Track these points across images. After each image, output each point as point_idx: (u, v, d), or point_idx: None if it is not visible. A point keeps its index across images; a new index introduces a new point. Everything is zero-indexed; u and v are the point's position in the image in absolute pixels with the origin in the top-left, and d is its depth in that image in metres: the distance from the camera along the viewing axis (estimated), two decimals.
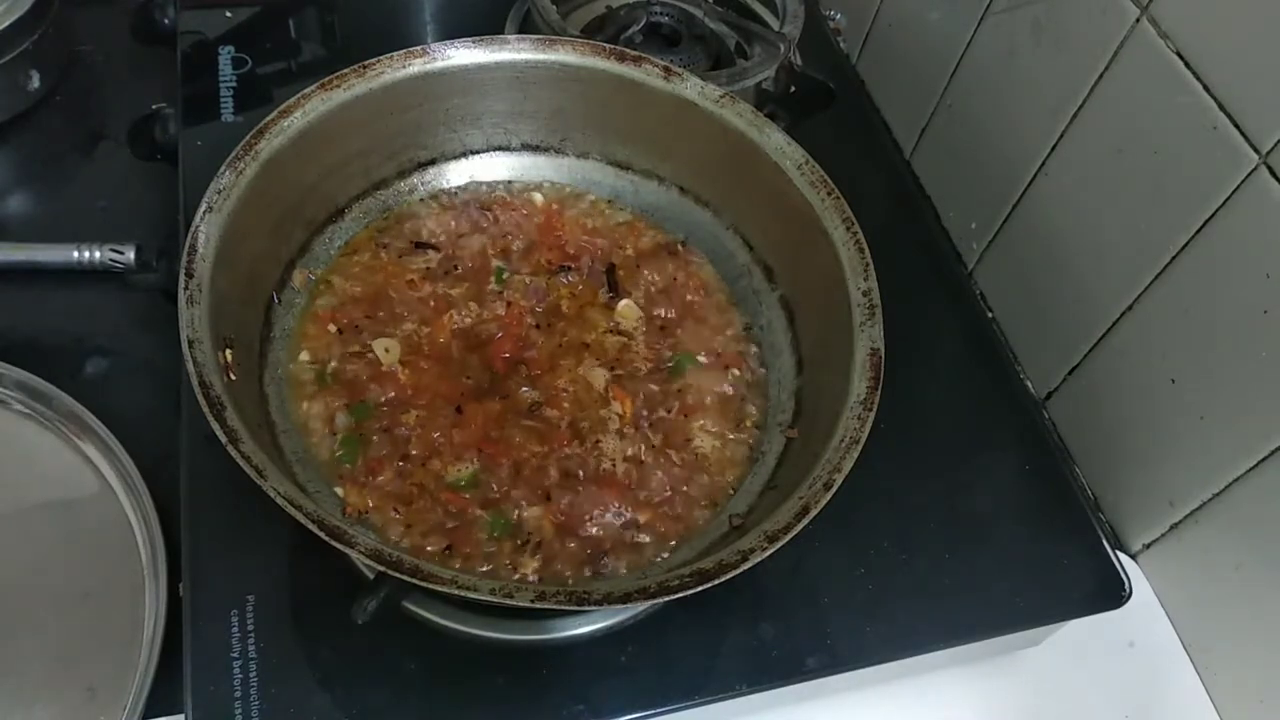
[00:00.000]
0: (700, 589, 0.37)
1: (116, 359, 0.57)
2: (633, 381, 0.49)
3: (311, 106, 0.47)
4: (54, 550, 0.49)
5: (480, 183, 0.54)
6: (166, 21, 0.65)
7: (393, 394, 0.46)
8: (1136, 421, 0.55)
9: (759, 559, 0.38)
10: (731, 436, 0.48)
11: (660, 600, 0.37)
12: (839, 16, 0.67)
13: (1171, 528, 0.54)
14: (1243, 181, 0.45)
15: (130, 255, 0.57)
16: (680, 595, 0.37)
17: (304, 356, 0.47)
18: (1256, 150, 0.44)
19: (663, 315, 0.51)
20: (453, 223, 0.53)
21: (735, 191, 0.52)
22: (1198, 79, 0.46)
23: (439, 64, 0.50)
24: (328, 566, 0.45)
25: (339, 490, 0.44)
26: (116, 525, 0.49)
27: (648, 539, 0.45)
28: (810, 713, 0.50)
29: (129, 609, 0.47)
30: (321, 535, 0.36)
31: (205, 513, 0.46)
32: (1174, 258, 0.50)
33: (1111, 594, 0.49)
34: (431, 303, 0.50)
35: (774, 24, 0.64)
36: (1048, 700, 0.53)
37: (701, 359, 0.50)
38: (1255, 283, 0.46)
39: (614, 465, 0.46)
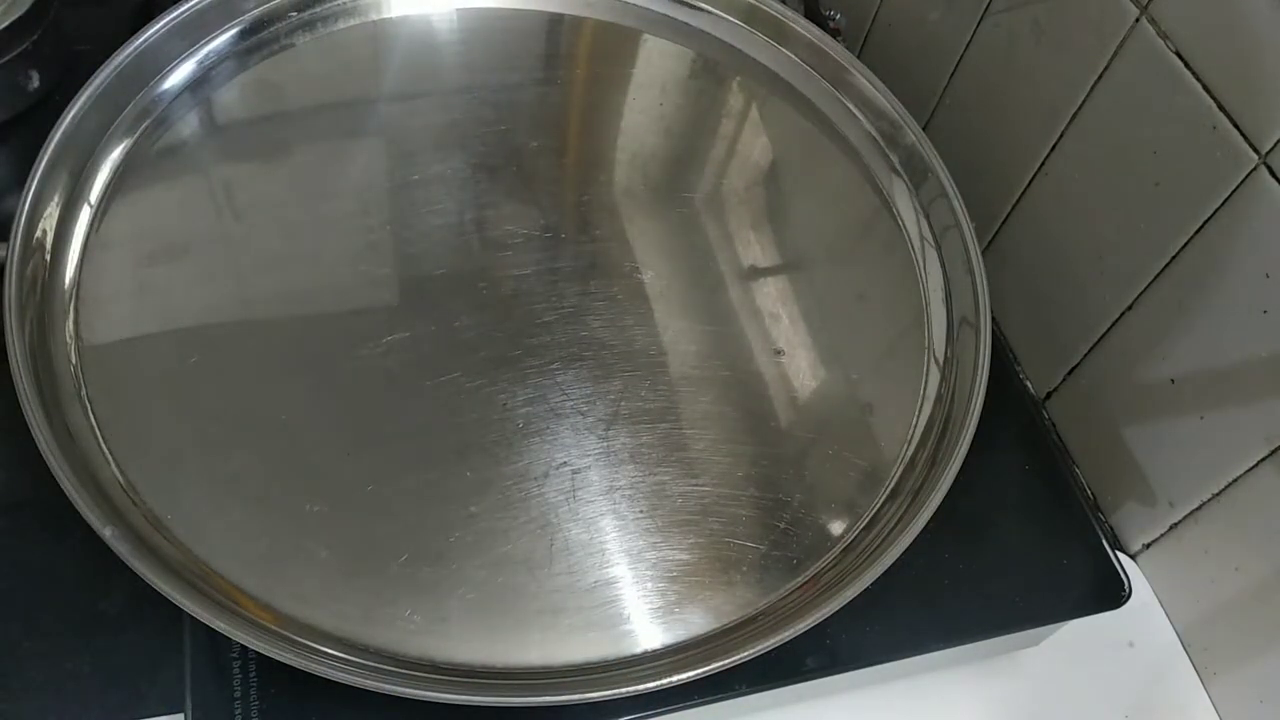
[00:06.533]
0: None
1: None
2: None
3: None
4: None
5: None
6: None
7: None
8: (1136, 421, 0.55)
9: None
10: None
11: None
12: (839, 16, 0.67)
13: (1171, 528, 0.54)
14: (1243, 181, 0.45)
15: None
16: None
17: None
18: (1256, 150, 0.44)
19: None
20: None
21: None
22: (1198, 79, 0.46)
23: None
24: None
25: None
26: None
27: None
28: (810, 713, 0.50)
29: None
30: None
31: None
32: (1174, 258, 0.50)
33: (1111, 594, 0.49)
34: None
35: None
36: (1048, 700, 0.53)
37: None
38: (1255, 283, 0.46)
39: None
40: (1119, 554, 0.50)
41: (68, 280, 0.46)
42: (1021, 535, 0.50)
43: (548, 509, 0.44)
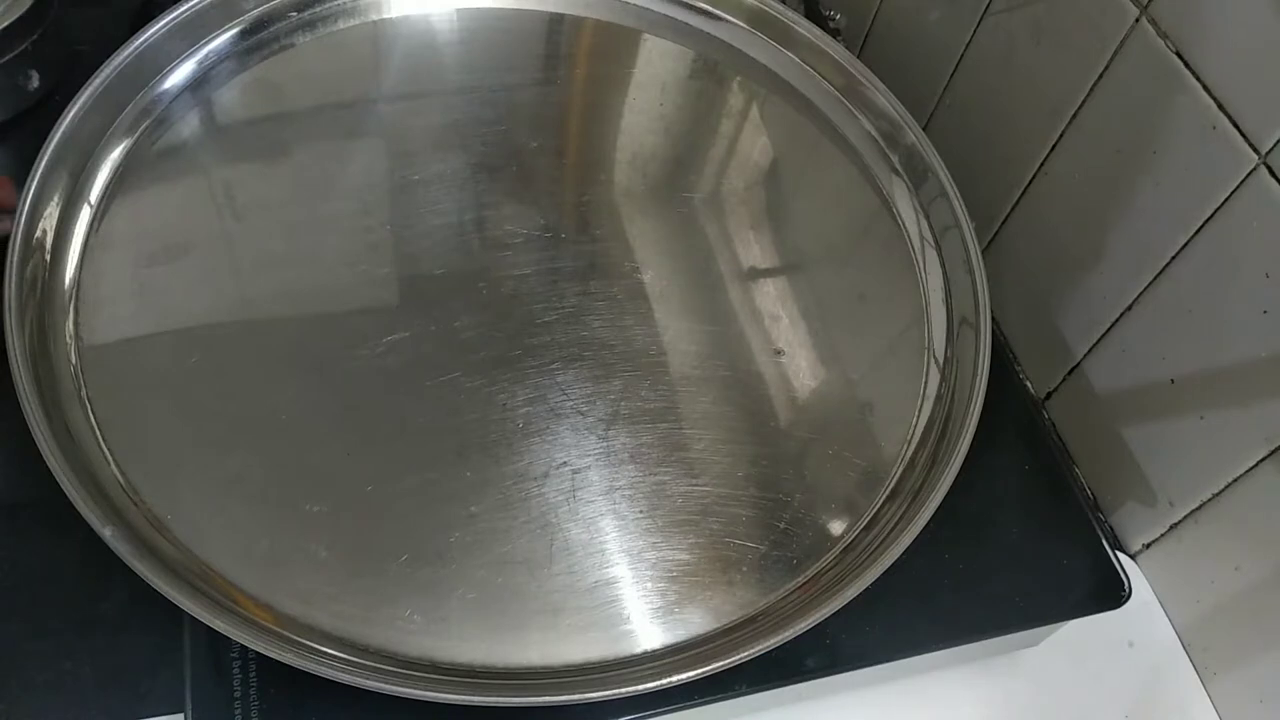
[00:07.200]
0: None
1: None
2: None
3: None
4: None
5: None
6: None
7: None
8: (1136, 421, 0.55)
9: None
10: None
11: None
12: (839, 16, 0.67)
13: (1171, 528, 0.54)
14: (1243, 181, 0.45)
15: None
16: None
17: None
18: (1256, 150, 0.44)
19: None
20: None
21: None
22: (1197, 79, 0.46)
23: None
24: None
25: None
26: None
27: None
28: (810, 713, 0.50)
29: None
30: None
31: None
32: (1174, 257, 0.50)
33: (1111, 594, 0.49)
34: None
35: None
36: (1047, 700, 0.53)
37: None
38: (1255, 283, 0.46)
39: None
40: (1119, 554, 0.50)
41: (68, 280, 0.46)
42: (1021, 535, 0.50)
43: (548, 509, 0.44)
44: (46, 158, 0.47)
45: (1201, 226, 0.48)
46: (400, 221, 0.51)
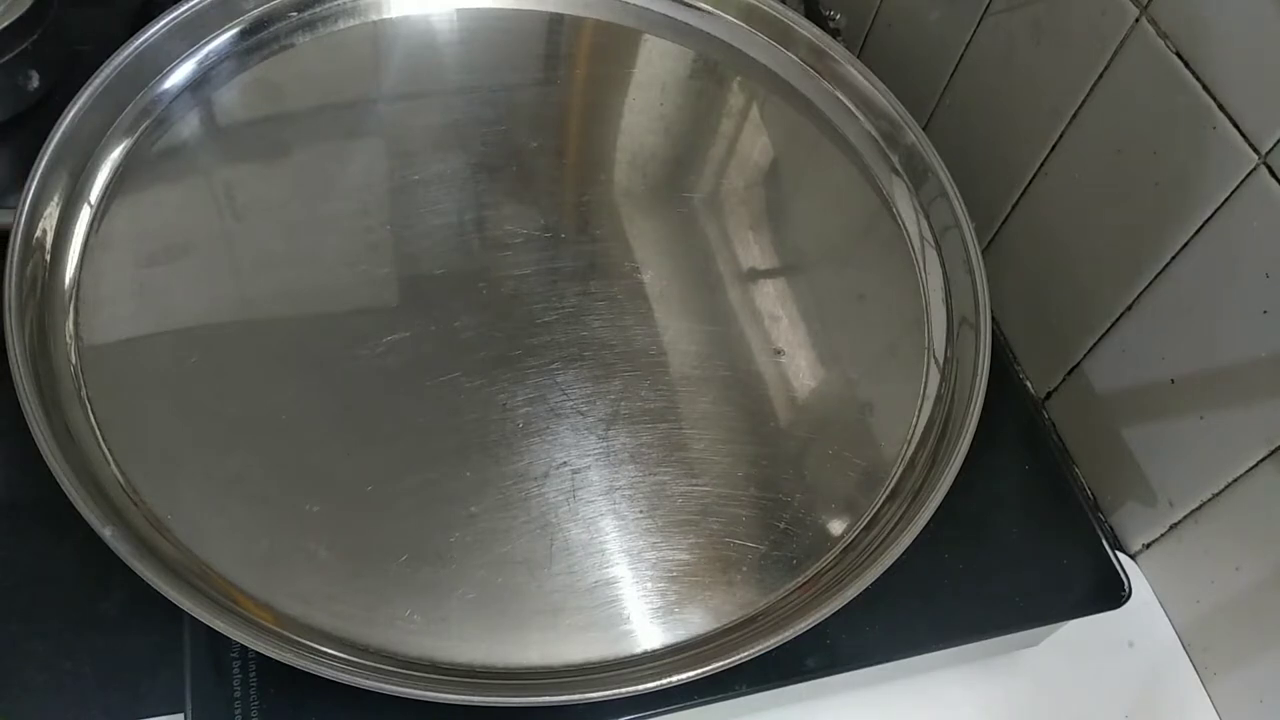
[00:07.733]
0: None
1: None
2: None
3: None
4: None
5: None
6: None
7: None
8: (1136, 421, 0.55)
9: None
10: None
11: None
12: (839, 16, 0.67)
13: (1171, 528, 0.54)
14: (1243, 181, 0.45)
15: None
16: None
17: None
18: (1256, 150, 0.44)
19: None
20: None
21: None
22: (1197, 79, 0.46)
23: None
24: None
25: None
26: None
27: None
28: (810, 713, 0.50)
29: None
30: None
31: None
32: (1174, 258, 0.50)
33: (1111, 594, 0.49)
34: None
35: None
36: (1047, 700, 0.53)
37: None
38: (1255, 283, 0.46)
39: None
40: (1119, 554, 0.50)
41: (68, 280, 0.46)
42: (1021, 535, 0.50)
43: (548, 509, 0.44)
44: (46, 158, 0.47)
45: (1201, 226, 0.48)
46: (400, 221, 0.51)
